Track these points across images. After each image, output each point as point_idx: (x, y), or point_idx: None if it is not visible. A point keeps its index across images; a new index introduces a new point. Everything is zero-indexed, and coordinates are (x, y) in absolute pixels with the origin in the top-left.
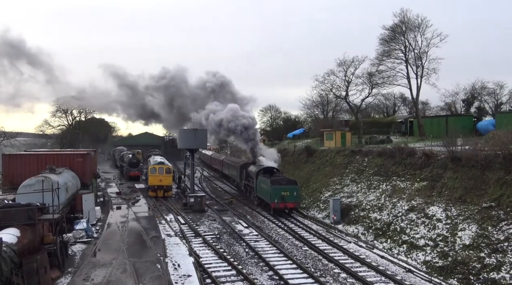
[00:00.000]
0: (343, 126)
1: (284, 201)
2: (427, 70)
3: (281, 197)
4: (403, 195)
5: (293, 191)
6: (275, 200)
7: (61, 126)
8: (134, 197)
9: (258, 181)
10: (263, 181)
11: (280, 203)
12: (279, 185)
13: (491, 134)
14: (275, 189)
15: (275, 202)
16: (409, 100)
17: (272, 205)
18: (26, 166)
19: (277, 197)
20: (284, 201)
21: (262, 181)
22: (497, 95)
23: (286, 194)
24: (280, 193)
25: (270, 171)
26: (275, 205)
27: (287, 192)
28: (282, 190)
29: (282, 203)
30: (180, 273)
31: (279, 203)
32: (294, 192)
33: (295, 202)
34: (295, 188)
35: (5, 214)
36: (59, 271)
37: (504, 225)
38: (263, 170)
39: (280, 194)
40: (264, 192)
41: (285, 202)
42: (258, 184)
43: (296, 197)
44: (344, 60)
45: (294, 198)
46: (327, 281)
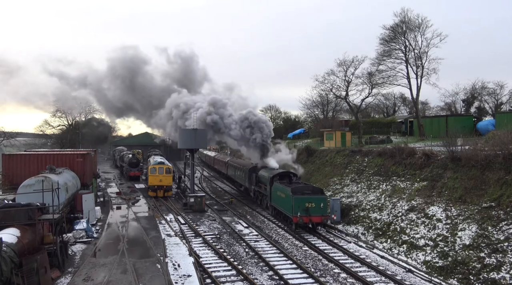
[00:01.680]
0: (343, 126)
1: (308, 215)
2: (427, 70)
3: (305, 210)
4: (403, 195)
5: (319, 202)
6: (298, 213)
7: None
8: (134, 197)
9: (273, 189)
10: (280, 189)
11: (304, 217)
12: (302, 194)
13: (491, 134)
14: (298, 200)
15: (297, 216)
16: (409, 100)
17: (295, 220)
18: (26, 166)
19: (300, 209)
20: (309, 214)
21: (279, 188)
22: (497, 95)
23: (311, 205)
24: (303, 204)
25: (286, 176)
26: (298, 219)
27: (312, 204)
28: (306, 201)
29: (307, 216)
30: (180, 273)
31: (302, 217)
32: (320, 203)
33: (322, 216)
34: (321, 198)
35: (5, 214)
36: (59, 271)
37: (504, 225)
38: (279, 176)
39: (303, 206)
40: (282, 202)
41: (310, 215)
42: (274, 192)
43: (323, 209)
44: (344, 60)
45: (321, 210)
46: (327, 281)
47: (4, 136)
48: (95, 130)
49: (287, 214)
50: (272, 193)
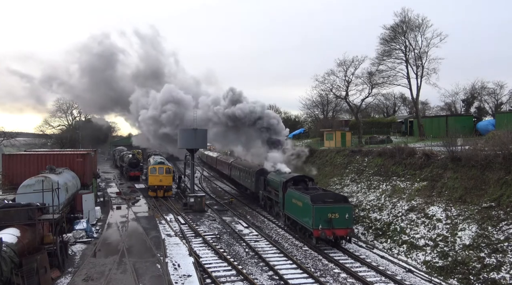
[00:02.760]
0: (343, 126)
1: (332, 227)
2: (427, 70)
3: (327, 222)
4: (403, 195)
5: (344, 213)
6: (319, 225)
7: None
8: (134, 197)
9: (287, 196)
10: (296, 196)
11: (326, 230)
12: (323, 203)
13: (491, 134)
14: (319, 210)
15: (319, 229)
16: (409, 100)
17: (316, 233)
18: (26, 166)
19: (322, 221)
20: (332, 227)
21: (294, 195)
22: (497, 95)
23: (335, 216)
24: (326, 215)
25: (301, 180)
26: (320, 233)
27: (336, 214)
28: (329, 212)
29: (330, 229)
30: (180, 273)
31: (325, 230)
32: (345, 214)
33: (347, 229)
34: (346, 208)
35: (5, 214)
36: (59, 271)
37: (504, 225)
38: (293, 180)
39: (326, 217)
40: (298, 211)
41: (334, 228)
42: (288, 199)
43: (348, 221)
44: (344, 60)
45: (345, 222)
46: (327, 281)
47: (4, 136)
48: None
49: (305, 225)
50: (285, 200)
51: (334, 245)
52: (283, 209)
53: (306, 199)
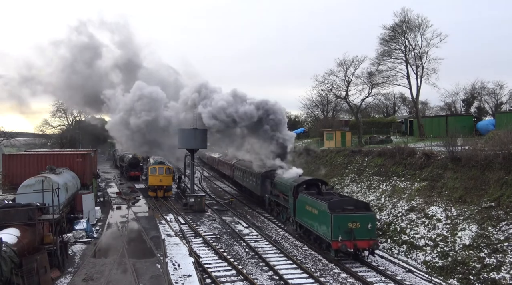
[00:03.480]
0: (343, 126)
1: (353, 239)
2: (427, 70)
3: (347, 232)
4: (403, 195)
5: (366, 222)
6: (339, 236)
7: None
8: (134, 197)
9: (299, 201)
10: (310, 202)
11: (347, 242)
12: (342, 211)
13: (491, 134)
14: (339, 219)
15: (338, 240)
16: (409, 100)
17: (335, 245)
18: (26, 166)
19: (342, 231)
20: (354, 238)
21: (307, 201)
22: (497, 95)
23: (356, 226)
24: (346, 225)
25: (313, 184)
26: (340, 245)
27: (357, 224)
28: (349, 221)
29: (350, 241)
30: (180, 273)
31: (345, 242)
32: (368, 223)
33: (370, 240)
34: (369, 216)
35: (5, 214)
36: (59, 271)
37: (504, 225)
38: (306, 184)
39: (346, 226)
40: (313, 219)
41: (355, 239)
42: (300, 205)
43: (371, 231)
44: (344, 60)
45: (368, 233)
46: (327, 281)
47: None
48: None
49: (321, 236)
50: (297, 206)
51: (355, 257)
52: (294, 215)
53: (322, 206)
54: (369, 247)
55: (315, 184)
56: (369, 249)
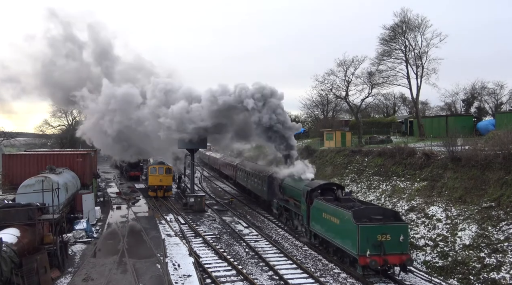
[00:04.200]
0: (343, 126)
1: (383, 253)
2: (427, 70)
3: (376, 246)
4: (403, 195)
5: (397, 234)
6: (367, 251)
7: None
8: (134, 197)
9: (314, 208)
10: (329, 210)
11: (376, 257)
12: (370, 222)
13: (491, 134)
14: (366, 230)
15: (366, 255)
16: (409, 100)
17: (363, 261)
18: (26, 166)
19: (370, 245)
20: (384, 252)
21: (325, 209)
22: (497, 95)
23: (386, 239)
24: (374, 237)
25: (328, 188)
26: (369, 261)
27: (387, 236)
28: (378, 233)
29: (380, 256)
30: (180, 273)
31: (373, 257)
32: (399, 235)
33: (402, 254)
34: (400, 227)
35: (5, 214)
36: (59, 271)
37: (504, 225)
38: (321, 189)
39: (375, 239)
40: (333, 230)
41: (385, 254)
42: (316, 214)
43: (404, 244)
44: (344, 60)
45: (400, 246)
46: (327, 281)
47: (4, 136)
48: None
49: (344, 249)
50: (312, 214)
51: (385, 274)
52: (307, 224)
53: (346, 216)
54: (401, 262)
55: (330, 188)
56: (400, 265)
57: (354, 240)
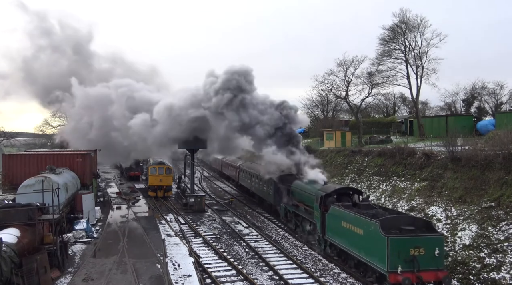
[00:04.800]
0: (343, 126)
1: (417, 269)
2: (427, 70)
3: (409, 261)
4: (403, 195)
5: (432, 247)
6: (398, 267)
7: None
8: (134, 197)
9: (331, 216)
10: (349, 218)
11: (408, 274)
12: (400, 233)
13: (491, 134)
14: (397, 243)
15: (398, 272)
16: (409, 100)
17: (394, 279)
18: (26, 166)
19: (401, 260)
20: (418, 268)
21: (345, 217)
22: (497, 95)
23: (420, 253)
24: (407, 251)
25: (344, 193)
26: (400, 278)
27: (421, 250)
28: (411, 246)
29: (413, 273)
30: (180, 273)
31: (406, 274)
32: (434, 248)
33: (437, 270)
34: (436, 240)
35: (5, 214)
36: (59, 271)
37: (504, 225)
38: (336, 194)
39: (407, 253)
40: (355, 241)
41: (419, 270)
42: (332, 221)
43: (440, 259)
44: (344, 60)
45: (435, 261)
46: (327, 281)
47: (4, 136)
48: None
49: (370, 264)
50: (328, 222)
51: None
52: (321, 232)
53: (371, 226)
54: (436, 279)
55: (346, 193)
56: (436, 283)
57: (382, 254)
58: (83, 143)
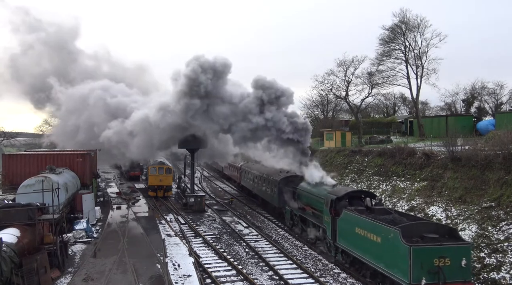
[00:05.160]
0: (343, 126)
1: (442, 282)
2: (427, 70)
3: (434, 273)
4: (403, 195)
5: (459, 257)
6: (422, 279)
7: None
8: (134, 197)
9: (343, 221)
10: (364, 224)
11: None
12: (423, 242)
13: (491, 134)
14: (420, 253)
15: None
16: (409, 100)
17: None
18: (26, 166)
19: (425, 271)
20: (444, 280)
21: (359, 223)
22: (497, 95)
23: (445, 263)
24: (430, 262)
25: (355, 197)
26: None
27: (446, 260)
28: (435, 256)
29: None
30: (180, 273)
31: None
32: (461, 258)
33: (465, 283)
34: (463, 249)
35: (5, 214)
36: (59, 271)
37: (504, 225)
38: (348, 197)
39: (431, 264)
40: (371, 249)
41: (445, 283)
42: (345, 227)
43: (467, 270)
44: (344, 60)
45: (462, 272)
46: (327, 281)
47: (4, 136)
48: None
49: (390, 275)
50: (339, 227)
51: None
52: (333, 239)
53: (390, 233)
54: None
55: (358, 196)
56: None
57: (404, 265)
58: (73, 145)
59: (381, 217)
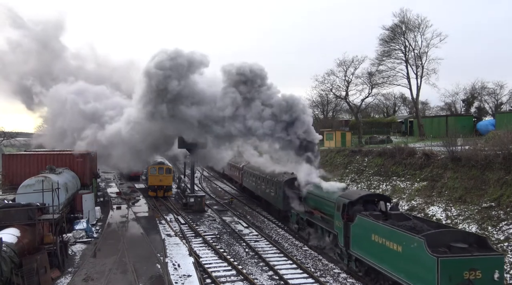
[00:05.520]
0: (343, 126)
1: None
2: (427, 70)
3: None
4: (403, 195)
5: (491, 269)
6: None
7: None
8: (134, 197)
9: (356, 227)
10: (380, 231)
11: None
12: (451, 252)
13: (491, 134)
14: (449, 264)
15: None
16: (409, 100)
17: None
18: (26, 166)
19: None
20: None
21: (374, 229)
22: (497, 95)
23: (476, 276)
24: (459, 274)
25: (369, 201)
26: None
27: (477, 273)
28: (465, 268)
29: None
30: (180, 273)
31: None
32: (494, 270)
33: None
34: (495, 260)
35: (5, 214)
36: (59, 271)
37: (504, 225)
38: (362, 201)
39: (460, 277)
40: (391, 259)
41: None
42: (360, 234)
43: (499, 284)
44: (344, 60)
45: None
46: (327, 281)
47: (4, 136)
48: None
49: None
50: (353, 234)
51: None
52: (345, 245)
53: (414, 242)
54: None
55: (371, 200)
56: None
57: (430, 278)
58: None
59: (400, 224)
